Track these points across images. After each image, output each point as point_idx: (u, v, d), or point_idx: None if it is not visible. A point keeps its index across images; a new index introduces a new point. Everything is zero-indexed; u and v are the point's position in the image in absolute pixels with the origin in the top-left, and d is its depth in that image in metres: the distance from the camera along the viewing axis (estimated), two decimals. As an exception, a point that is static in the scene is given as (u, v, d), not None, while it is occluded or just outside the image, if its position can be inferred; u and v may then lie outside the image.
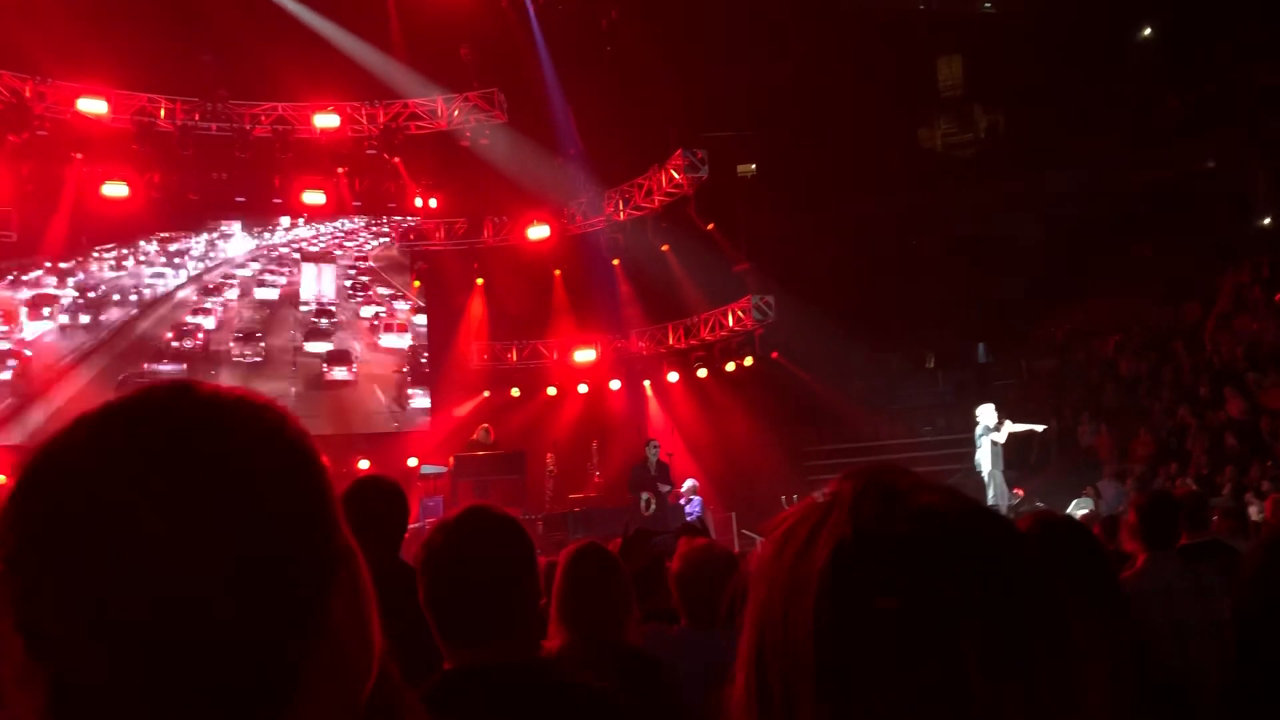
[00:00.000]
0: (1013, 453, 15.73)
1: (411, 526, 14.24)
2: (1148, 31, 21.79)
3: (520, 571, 2.07)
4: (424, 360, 20.65)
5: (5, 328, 18.07)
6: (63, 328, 18.61)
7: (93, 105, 17.05)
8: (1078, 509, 14.00)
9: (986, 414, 15.00)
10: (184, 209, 19.38)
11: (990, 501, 14.60)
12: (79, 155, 17.78)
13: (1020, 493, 15.63)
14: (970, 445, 16.12)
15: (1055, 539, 1.89)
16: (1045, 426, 15.63)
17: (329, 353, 20.15)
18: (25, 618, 0.70)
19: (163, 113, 17.71)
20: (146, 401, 0.78)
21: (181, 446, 0.74)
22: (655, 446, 15.75)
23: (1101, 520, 7.85)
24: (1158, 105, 19.91)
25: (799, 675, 0.79)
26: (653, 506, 14.69)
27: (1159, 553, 4.31)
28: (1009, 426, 14.91)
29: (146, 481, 0.72)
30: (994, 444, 14.77)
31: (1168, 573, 4.23)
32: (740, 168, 22.13)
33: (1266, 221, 19.33)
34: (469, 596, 2.02)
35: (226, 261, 20.30)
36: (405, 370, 20.47)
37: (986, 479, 14.71)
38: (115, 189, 17.94)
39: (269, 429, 0.79)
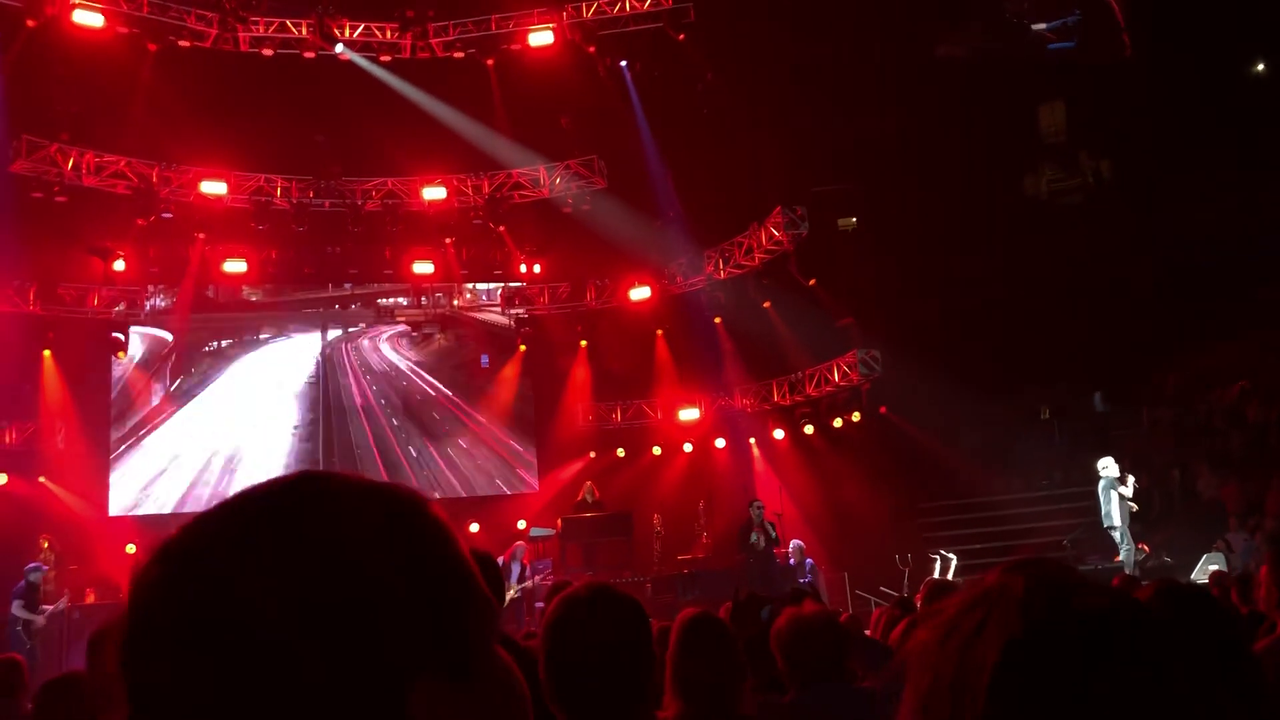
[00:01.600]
0: (1139, 505, 15.19)
1: (524, 586, 14.33)
2: (1260, 67, 21.17)
3: (643, 651, 2.13)
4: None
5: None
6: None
7: (214, 187, 17.90)
8: (1208, 564, 13.40)
9: (1109, 466, 14.52)
10: (300, 282, 20.15)
11: (1122, 557, 14.13)
12: (201, 235, 18.64)
13: (1145, 548, 15.05)
14: (1088, 499, 15.61)
15: (1185, 615, 1.81)
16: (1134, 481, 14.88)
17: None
18: (131, 683, 0.74)
19: (279, 191, 18.47)
20: (266, 492, 0.79)
21: (280, 536, 0.75)
22: (759, 507, 15.70)
23: (1236, 578, 7.49)
24: (1273, 142, 19.24)
25: None
26: (767, 542, 14.87)
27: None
28: (1133, 482, 14.42)
29: (242, 567, 0.73)
30: (1122, 498, 14.28)
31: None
32: (841, 222, 22.02)
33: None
34: (593, 672, 2.09)
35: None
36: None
37: (1119, 536, 14.21)
38: (235, 265, 18.73)
39: (382, 522, 0.78)
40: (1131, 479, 14.44)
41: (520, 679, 0.82)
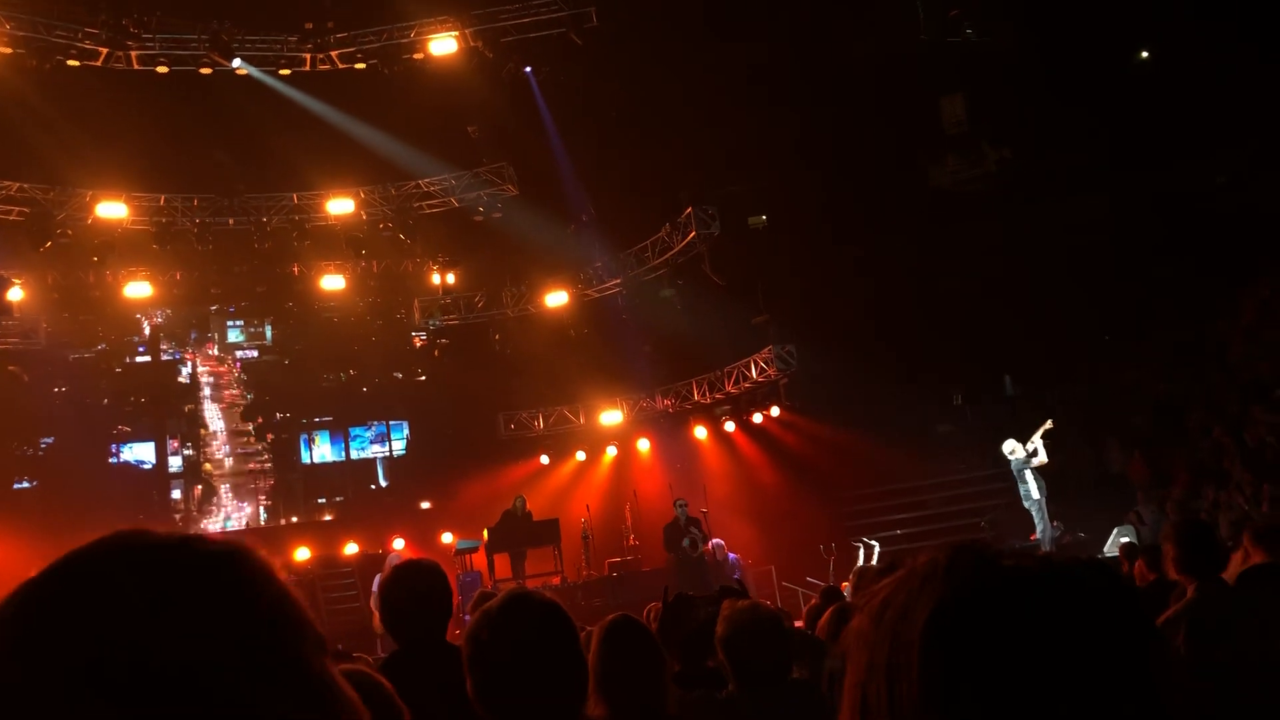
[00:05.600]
0: (1052, 483, 15.57)
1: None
2: (1145, 54, 21.89)
3: (564, 653, 2.12)
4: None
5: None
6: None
7: (112, 209, 17.35)
8: (1120, 537, 13.83)
9: (1016, 450, 14.86)
10: (206, 303, 19.70)
11: (1039, 535, 14.49)
12: (95, 259, 18.04)
13: (1057, 524, 15.45)
14: (1004, 479, 15.98)
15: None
16: (1050, 421, 15.24)
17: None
18: None
19: (180, 212, 18.01)
20: (87, 554, 0.83)
21: (91, 593, 0.80)
22: (683, 504, 15.84)
23: (1145, 549, 7.74)
24: (1161, 127, 19.91)
25: None
26: (699, 547, 14.94)
27: (1207, 583, 4.22)
28: (1038, 441, 14.70)
29: (65, 626, 0.78)
30: (1035, 472, 14.61)
31: (1220, 603, 4.11)
32: (751, 219, 22.23)
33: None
34: (516, 677, 2.07)
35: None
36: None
37: (1037, 513, 14.56)
38: (138, 289, 18.21)
39: (198, 576, 0.81)
40: (1036, 439, 14.67)
41: (357, 701, 0.84)
